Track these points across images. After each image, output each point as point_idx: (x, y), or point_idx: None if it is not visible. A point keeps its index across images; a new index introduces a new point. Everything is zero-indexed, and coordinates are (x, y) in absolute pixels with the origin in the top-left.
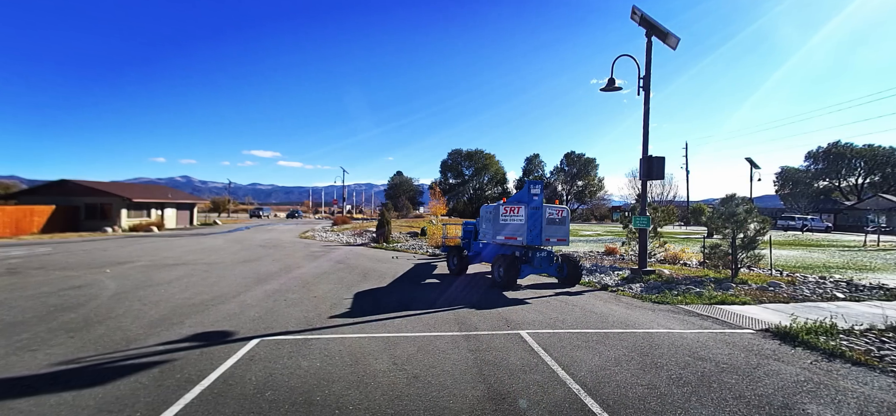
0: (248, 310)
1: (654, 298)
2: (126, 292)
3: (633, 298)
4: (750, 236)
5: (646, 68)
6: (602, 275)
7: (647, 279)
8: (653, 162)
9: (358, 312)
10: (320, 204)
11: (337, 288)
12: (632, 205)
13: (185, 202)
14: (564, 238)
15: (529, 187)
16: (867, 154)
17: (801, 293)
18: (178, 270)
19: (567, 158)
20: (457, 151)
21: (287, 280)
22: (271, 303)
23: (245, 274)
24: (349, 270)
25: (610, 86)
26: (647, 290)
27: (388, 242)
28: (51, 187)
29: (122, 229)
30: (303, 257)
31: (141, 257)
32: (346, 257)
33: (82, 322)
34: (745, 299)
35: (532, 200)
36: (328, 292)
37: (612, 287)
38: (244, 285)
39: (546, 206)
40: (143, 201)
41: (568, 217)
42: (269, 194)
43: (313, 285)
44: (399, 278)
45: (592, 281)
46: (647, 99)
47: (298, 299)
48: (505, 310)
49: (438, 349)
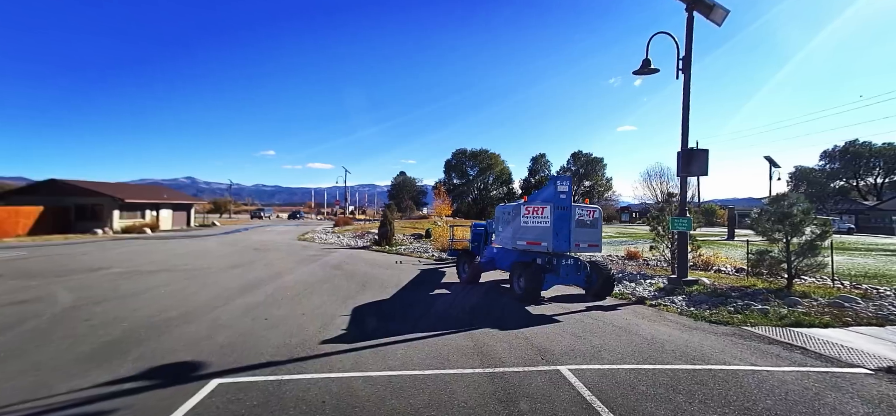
0: (218, 332)
1: (707, 315)
2: (79, 307)
3: (679, 314)
4: (809, 241)
5: (686, 47)
6: (632, 284)
7: (690, 291)
8: (694, 155)
9: (353, 335)
10: (323, 205)
11: (331, 301)
12: (657, 205)
13: (182, 203)
14: (596, 243)
15: (556, 183)
16: (888, 153)
17: (888, 312)
18: (156, 277)
19: (574, 158)
20: (461, 151)
21: (275, 290)
22: (249, 322)
23: (228, 283)
24: (347, 277)
25: (645, 68)
26: (692, 303)
27: (391, 245)
28: (40, 187)
29: (113, 231)
30: (297, 261)
31: (120, 263)
32: (345, 261)
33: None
34: (824, 319)
35: (559, 199)
36: (320, 305)
37: (650, 300)
38: (224, 296)
39: (575, 205)
40: (137, 202)
41: (600, 219)
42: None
43: (304, 296)
44: (403, 288)
45: (624, 292)
46: (687, 82)
47: (283, 316)
48: (532, 332)
49: (457, 401)
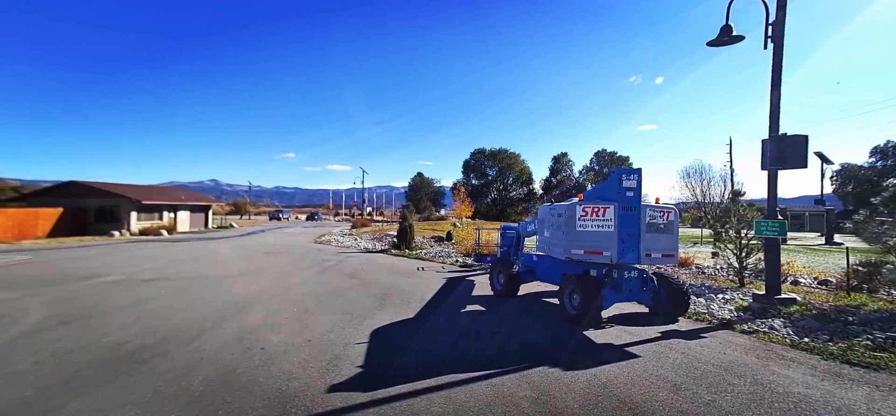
0: (195, 373)
1: (835, 349)
2: (42, 330)
3: (793, 347)
4: None
5: (777, 10)
6: (701, 300)
7: (789, 312)
8: (788, 144)
9: (371, 376)
10: (341, 206)
11: (344, 321)
12: (695, 204)
13: (200, 204)
14: (672, 253)
15: (621, 177)
16: None
17: None
18: (150, 288)
19: (597, 156)
20: (480, 151)
21: (280, 306)
22: (240, 354)
23: (228, 295)
24: (364, 288)
25: (724, 35)
26: (801, 330)
27: (410, 248)
28: (59, 189)
29: (130, 233)
30: (310, 267)
31: (120, 269)
32: (362, 268)
33: None
34: None
35: (624, 197)
36: (331, 328)
37: (737, 324)
38: (218, 314)
39: (646, 205)
40: (154, 203)
41: (677, 222)
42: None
43: (313, 314)
44: (430, 303)
45: (697, 312)
46: (778, 54)
47: (284, 344)
48: (607, 373)
49: None
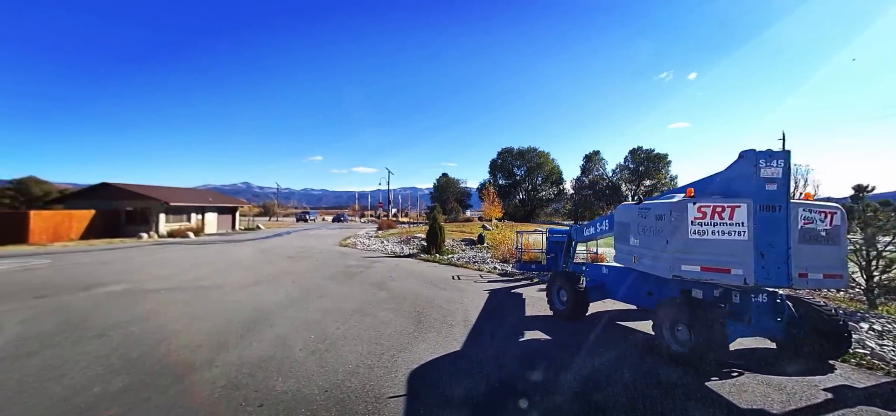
0: None
1: None
2: (7, 356)
3: None
4: None
5: None
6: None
7: None
8: None
9: None
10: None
11: (373, 357)
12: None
13: (227, 206)
14: (839, 273)
15: (757, 164)
16: None
17: None
18: (153, 300)
19: (632, 155)
20: (507, 150)
21: (292, 329)
22: (233, 409)
23: (237, 312)
24: (395, 303)
25: None
26: None
27: (440, 252)
28: (92, 191)
29: (158, 235)
30: (334, 275)
31: (131, 276)
32: (390, 276)
33: None
34: None
35: (763, 192)
36: (355, 369)
37: None
38: (218, 341)
39: (797, 203)
40: (182, 205)
41: (844, 227)
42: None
43: (332, 345)
44: (476, 328)
45: (862, 354)
46: None
47: (289, 399)
48: None
49: None
